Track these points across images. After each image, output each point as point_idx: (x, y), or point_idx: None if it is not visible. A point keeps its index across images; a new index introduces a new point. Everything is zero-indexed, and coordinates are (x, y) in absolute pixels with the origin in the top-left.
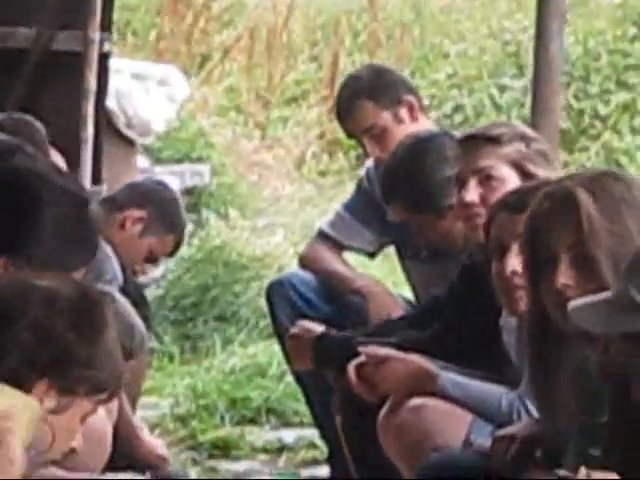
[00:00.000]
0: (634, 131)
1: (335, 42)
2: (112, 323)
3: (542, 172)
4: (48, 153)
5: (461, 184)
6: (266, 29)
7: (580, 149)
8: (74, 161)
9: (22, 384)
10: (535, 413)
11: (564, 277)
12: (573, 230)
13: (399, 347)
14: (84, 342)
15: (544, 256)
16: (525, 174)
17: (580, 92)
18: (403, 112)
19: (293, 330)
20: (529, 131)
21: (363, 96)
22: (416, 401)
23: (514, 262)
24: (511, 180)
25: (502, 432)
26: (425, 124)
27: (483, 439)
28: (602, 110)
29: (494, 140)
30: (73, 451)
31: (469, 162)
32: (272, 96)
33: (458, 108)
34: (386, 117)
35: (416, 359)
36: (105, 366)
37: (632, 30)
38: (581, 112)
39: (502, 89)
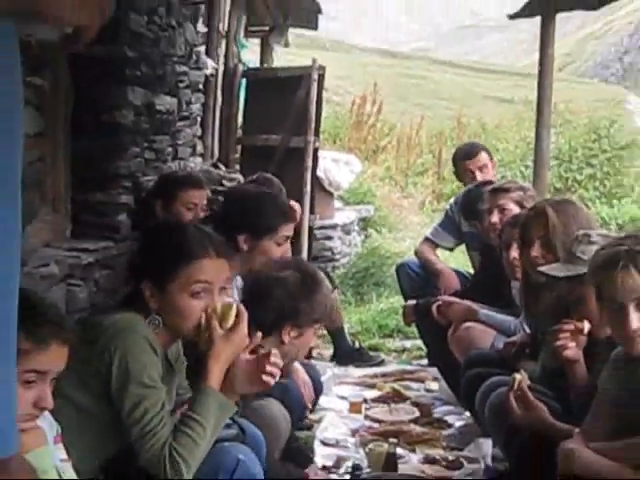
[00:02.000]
0: (595, 189)
1: (441, 142)
2: (324, 282)
3: None
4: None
5: (489, 212)
6: (405, 136)
7: None
8: (299, 202)
9: (276, 328)
10: (527, 330)
11: (535, 252)
12: (543, 228)
13: (459, 296)
14: (304, 299)
15: (527, 240)
16: (522, 207)
17: (567, 169)
18: (494, 161)
19: (404, 304)
20: (526, 185)
21: (481, 149)
22: (467, 324)
23: (514, 253)
24: (515, 211)
25: (509, 340)
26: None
27: (500, 344)
28: (578, 177)
29: (507, 190)
30: (312, 350)
31: (494, 201)
32: (408, 171)
33: (503, 177)
34: (488, 161)
35: (467, 303)
36: (318, 309)
37: (593, 136)
38: (567, 179)
39: (526, 167)
